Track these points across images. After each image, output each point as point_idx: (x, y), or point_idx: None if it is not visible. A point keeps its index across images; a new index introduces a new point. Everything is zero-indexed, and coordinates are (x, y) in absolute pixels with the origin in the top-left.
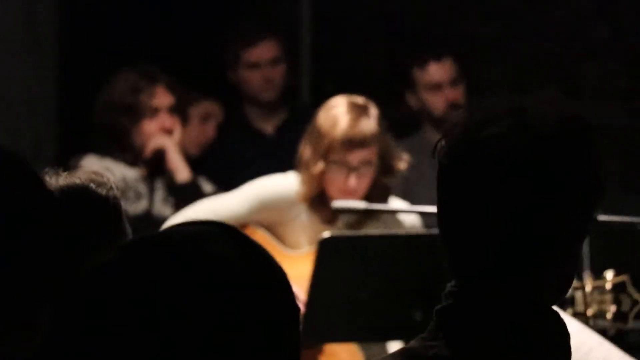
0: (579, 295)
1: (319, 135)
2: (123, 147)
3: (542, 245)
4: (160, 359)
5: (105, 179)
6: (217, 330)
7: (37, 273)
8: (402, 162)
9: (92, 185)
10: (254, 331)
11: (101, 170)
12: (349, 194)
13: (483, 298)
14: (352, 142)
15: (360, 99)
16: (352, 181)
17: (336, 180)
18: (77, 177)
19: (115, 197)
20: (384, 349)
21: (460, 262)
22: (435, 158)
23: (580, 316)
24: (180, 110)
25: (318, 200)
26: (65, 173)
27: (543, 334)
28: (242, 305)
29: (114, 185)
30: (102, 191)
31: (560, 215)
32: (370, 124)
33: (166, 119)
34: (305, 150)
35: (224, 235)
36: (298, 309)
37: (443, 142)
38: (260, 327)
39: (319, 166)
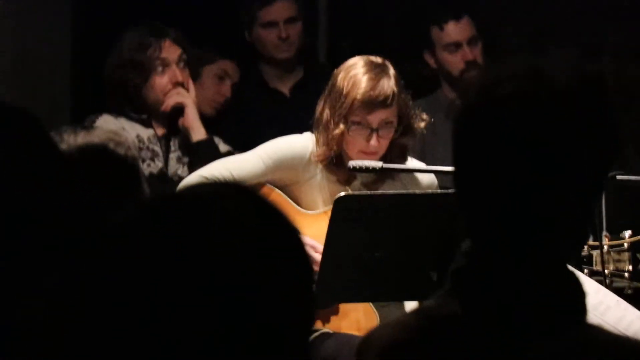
0: (596, 254)
1: (339, 96)
2: (136, 106)
3: (557, 203)
4: (173, 317)
5: (123, 139)
6: (230, 289)
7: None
8: (421, 122)
9: (111, 145)
10: (267, 291)
11: (118, 129)
12: (369, 154)
13: (497, 258)
14: (373, 103)
15: (378, 59)
16: (373, 142)
17: (357, 141)
18: (96, 136)
19: (133, 157)
20: (399, 309)
21: (475, 221)
22: (450, 118)
23: (598, 275)
24: (192, 67)
25: (335, 160)
26: (84, 131)
27: (558, 293)
28: (255, 265)
29: (132, 145)
30: (121, 150)
31: (576, 173)
32: (390, 83)
33: (176, 73)
34: (324, 111)
35: (238, 196)
36: (311, 268)
37: (458, 102)
38: (273, 286)
39: (340, 128)
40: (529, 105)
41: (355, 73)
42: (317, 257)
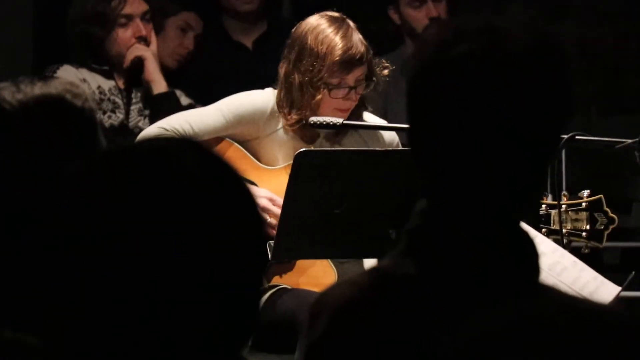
0: (554, 213)
1: (314, 59)
2: (98, 58)
3: (511, 164)
4: (121, 272)
5: (81, 90)
6: (179, 244)
7: None
8: (384, 70)
9: (68, 96)
10: (217, 246)
11: (77, 81)
12: (344, 111)
13: (451, 217)
14: (352, 62)
15: (335, 13)
16: (352, 100)
17: (334, 101)
18: (53, 87)
19: (90, 109)
20: (358, 266)
21: (429, 180)
22: (406, 75)
23: (555, 234)
24: (155, 20)
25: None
26: (41, 82)
27: (511, 252)
28: (204, 220)
29: (89, 97)
30: (78, 102)
31: (529, 133)
32: (360, 38)
33: (140, 27)
34: (294, 75)
35: (190, 151)
36: (262, 224)
37: (413, 58)
38: (223, 242)
39: (321, 92)
40: (483, 65)
41: (326, 35)
42: (276, 210)
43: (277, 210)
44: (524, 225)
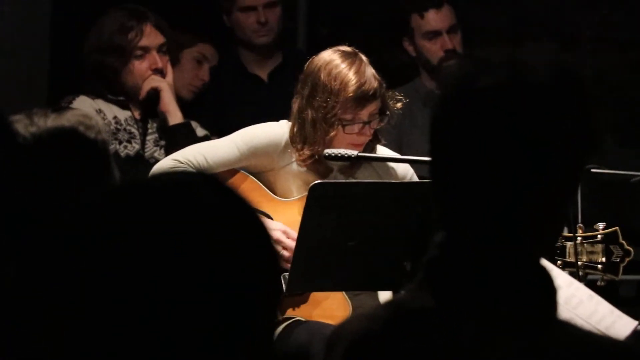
0: (569, 245)
1: (328, 96)
2: (114, 89)
3: (532, 197)
4: (134, 303)
5: (94, 122)
6: (193, 278)
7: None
8: (396, 102)
9: (81, 128)
10: (231, 279)
11: (93, 112)
12: (358, 146)
13: (470, 250)
14: (365, 97)
15: (347, 48)
16: (367, 135)
17: (348, 136)
18: (66, 119)
19: (103, 141)
20: (373, 299)
21: (450, 213)
22: (428, 107)
23: (571, 267)
24: (171, 52)
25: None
26: (54, 114)
27: (529, 287)
28: (218, 254)
29: (102, 129)
30: (91, 134)
31: (551, 167)
32: (373, 73)
33: (156, 59)
34: (307, 111)
35: (205, 185)
36: (276, 257)
37: (438, 91)
38: (238, 275)
39: (335, 129)
40: (507, 98)
41: (339, 70)
42: (290, 243)
43: (291, 243)
44: (542, 260)
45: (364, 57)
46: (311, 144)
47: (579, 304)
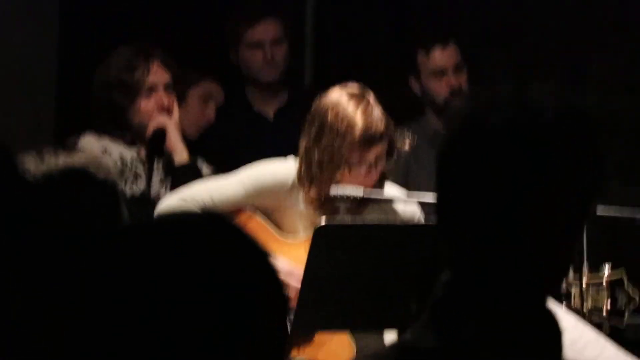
0: (575, 290)
1: (334, 138)
2: (120, 126)
3: (539, 238)
4: (144, 345)
5: (104, 163)
6: (200, 320)
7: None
8: (405, 143)
9: (91, 168)
10: (238, 319)
11: (99, 150)
12: (365, 187)
13: (475, 290)
14: (371, 140)
15: (355, 88)
16: (373, 176)
17: (355, 178)
18: (76, 159)
19: (113, 182)
20: (378, 340)
21: (455, 252)
22: (434, 146)
23: (576, 311)
24: (178, 89)
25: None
26: (64, 154)
27: (534, 329)
28: (225, 294)
29: (112, 170)
30: (101, 174)
31: (559, 206)
32: (379, 114)
33: (163, 97)
34: (313, 153)
35: (210, 225)
36: (285, 298)
37: (443, 131)
38: (244, 316)
39: (342, 170)
40: (513, 136)
41: (346, 113)
42: (295, 284)
43: (296, 285)
44: (548, 302)
45: (371, 97)
46: (318, 184)
47: (585, 345)
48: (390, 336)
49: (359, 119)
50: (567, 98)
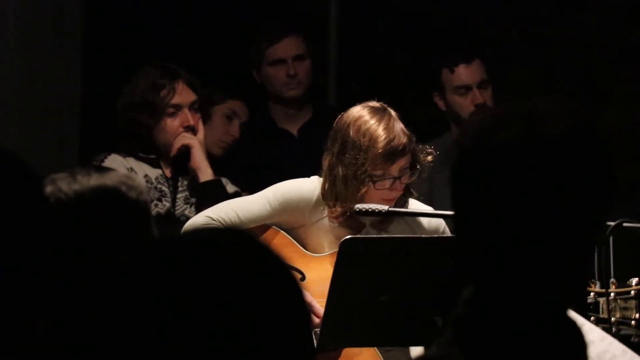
0: (602, 301)
1: (357, 152)
2: (146, 146)
3: (556, 250)
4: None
5: (136, 183)
6: (225, 335)
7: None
8: (427, 156)
9: (123, 188)
10: (262, 335)
11: (124, 169)
12: (389, 201)
13: (498, 305)
14: (394, 153)
15: (376, 103)
16: (397, 190)
17: (379, 192)
18: (109, 178)
19: (145, 201)
20: (404, 355)
21: (474, 267)
22: (449, 163)
23: (604, 323)
24: (202, 108)
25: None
26: (97, 173)
27: (559, 342)
28: (250, 310)
29: (144, 189)
30: (133, 194)
31: (571, 220)
32: (402, 128)
33: (188, 116)
34: (337, 169)
35: (236, 242)
36: (308, 314)
37: (456, 146)
38: (269, 332)
39: (366, 185)
40: (523, 151)
41: (368, 127)
42: (312, 317)
43: (313, 318)
44: (572, 313)
45: (393, 112)
46: (343, 200)
47: (612, 359)
48: (416, 350)
49: (381, 133)
50: (577, 110)
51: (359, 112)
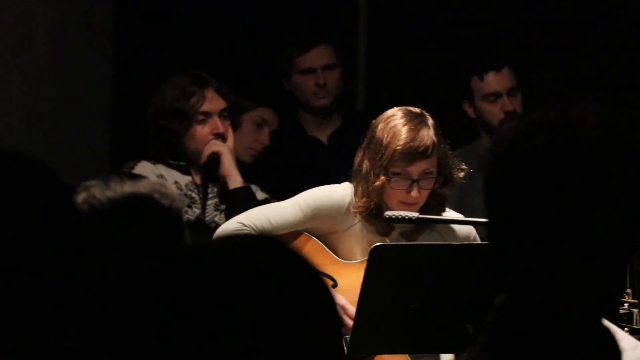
0: (636, 312)
1: (379, 147)
2: (176, 153)
3: (591, 257)
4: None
5: (169, 191)
6: (257, 341)
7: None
8: (460, 172)
9: (156, 196)
10: (294, 341)
11: (154, 176)
12: (408, 205)
13: (530, 311)
14: (413, 154)
15: (416, 109)
16: (414, 193)
17: (397, 192)
18: (142, 186)
19: (177, 209)
20: None
21: (508, 274)
22: (483, 169)
23: (637, 334)
24: (232, 116)
25: (374, 211)
26: (130, 181)
27: (592, 349)
28: (282, 317)
29: (177, 197)
30: (165, 202)
31: (608, 227)
32: (429, 133)
33: (218, 124)
34: (363, 162)
35: (268, 248)
36: (339, 321)
37: (490, 153)
38: (301, 338)
39: (381, 179)
40: (559, 157)
41: (395, 124)
42: (346, 319)
43: (347, 320)
44: (605, 322)
45: (430, 120)
46: (366, 195)
47: None
48: (447, 357)
49: (404, 132)
50: (611, 116)
51: (394, 112)
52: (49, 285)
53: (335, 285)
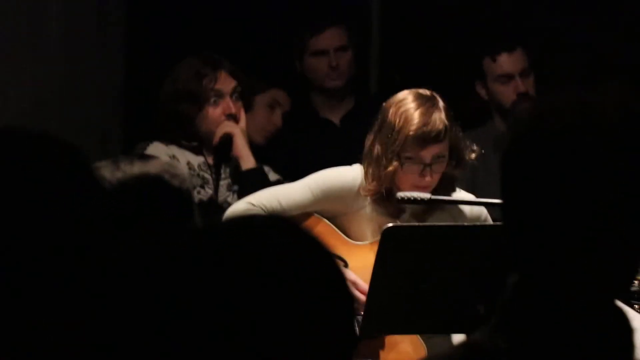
0: None
1: (391, 132)
2: (188, 134)
3: (605, 238)
4: (207, 342)
5: (179, 171)
6: (269, 321)
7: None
8: (472, 153)
9: (166, 176)
10: (306, 321)
11: (166, 157)
12: (421, 188)
13: (543, 291)
14: (426, 138)
15: (427, 91)
16: (427, 177)
17: (409, 176)
18: (152, 167)
19: (187, 190)
20: (447, 341)
21: (522, 254)
22: (499, 151)
23: None
24: (244, 98)
25: (383, 193)
26: (140, 162)
27: (604, 329)
28: (294, 296)
29: (187, 178)
30: (175, 182)
31: (624, 208)
32: (441, 117)
33: (230, 105)
34: (375, 146)
35: (279, 228)
36: (352, 300)
37: (507, 134)
38: (313, 317)
39: (393, 164)
40: (575, 140)
41: (407, 108)
42: (358, 294)
43: (360, 295)
44: (617, 302)
45: (440, 102)
46: (377, 179)
47: None
48: (459, 337)
49: (416, 116)
50: (629, 99)
51: (405, 95)
52: (49, 285)
53: (346, 265)
